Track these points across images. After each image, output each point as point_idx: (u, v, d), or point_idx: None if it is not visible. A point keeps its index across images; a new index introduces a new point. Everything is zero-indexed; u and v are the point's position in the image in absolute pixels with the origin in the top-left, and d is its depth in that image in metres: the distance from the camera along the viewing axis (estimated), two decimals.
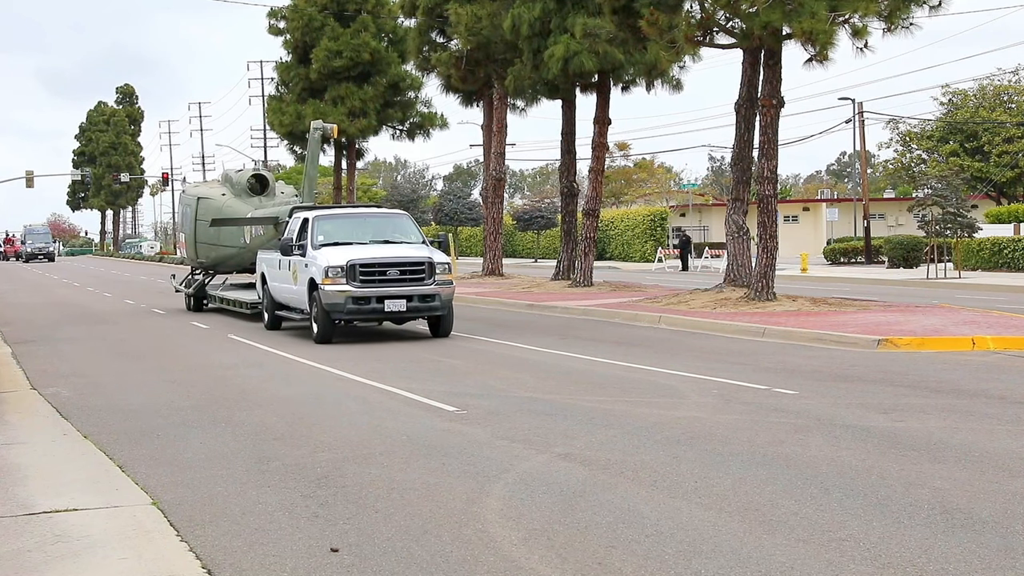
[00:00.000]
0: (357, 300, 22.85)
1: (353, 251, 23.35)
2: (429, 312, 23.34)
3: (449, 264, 23.45)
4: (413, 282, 23.09)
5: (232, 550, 8.06)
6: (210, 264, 35.30)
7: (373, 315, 23.24)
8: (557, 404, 14.35)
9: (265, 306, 27.47)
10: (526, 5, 38.34)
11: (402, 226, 25.33)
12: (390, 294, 22.93)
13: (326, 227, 24.70)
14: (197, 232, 34.99)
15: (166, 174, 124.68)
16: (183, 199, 37.56)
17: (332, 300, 22.86)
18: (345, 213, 26.01)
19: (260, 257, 28.40)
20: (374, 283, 22.94)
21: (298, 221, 25.52)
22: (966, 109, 79.41)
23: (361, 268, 22.91)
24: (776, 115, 28.95)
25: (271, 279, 26.79)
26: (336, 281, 22.82)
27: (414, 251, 23.72)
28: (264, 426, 13.25)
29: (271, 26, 64.88)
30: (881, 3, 27.38)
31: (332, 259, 23.05)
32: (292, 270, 24.79)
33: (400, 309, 23.00)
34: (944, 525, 8.13)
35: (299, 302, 24.63)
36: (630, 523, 8.42)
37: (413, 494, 9.55)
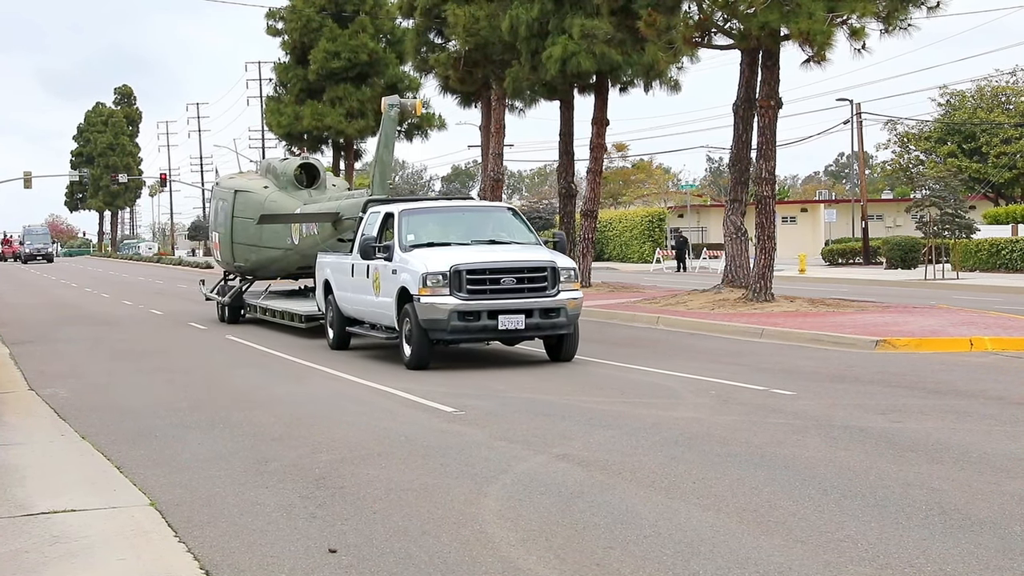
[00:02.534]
0: (464, 316, 17.88)
1: (455, 253, 18.45)
2: (552, 330, 18.51)
3: (576, 270, 18.88)
4: (533, 292, 18.18)
5: (230, 551, 8.06)
6: (249, 268, 30.20)
7: (483, 335, 18.28)
8: (555, 405, 14.35)
9: (330, 321, 22.68)
10: (524, 6, 38.33)
11: (508, 222, 20.55)
12: (505, 307, 18.02)
13: (417, 224, 19.85)
14: (234, 231, 29.93)
15: (164, 175, 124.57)
16: (217, 192, 31.91)
17: (431, 315, 17.93)
18: (439, 207, 21.29)
19: (322, 261, 23.46)
20: (485, 294, 17.99)
21: (377, 217, 20.79)
22: (964, 110, 79.44)
23: (469, 275, 17.95)
24: (774, 116, 28.95)
25: (339, 288, 22.03)
26: (436, 291, 17.90)
27: (531, 253, 18.80)
28: (262, 427, 13.25)
29: (269, 27, 64.94)
30: (879, 4, 27.39)
31: (430, 264, 18.10)
32: (373, 278, 20.00)
33: (517, 327, 18.07)
34: (942, 526, 8.14)
35: (382, 317, 19.89)
36: (628, 524, 8.42)
37: (411, 495, 9.55)
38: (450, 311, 17.85)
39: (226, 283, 32.04)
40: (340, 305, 22.03)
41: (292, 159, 30.31)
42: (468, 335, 18.21)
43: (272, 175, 29.98)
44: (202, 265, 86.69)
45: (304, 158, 29.51)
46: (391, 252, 19.31)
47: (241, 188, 30.05)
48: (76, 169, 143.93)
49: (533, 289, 18.22)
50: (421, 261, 18.34)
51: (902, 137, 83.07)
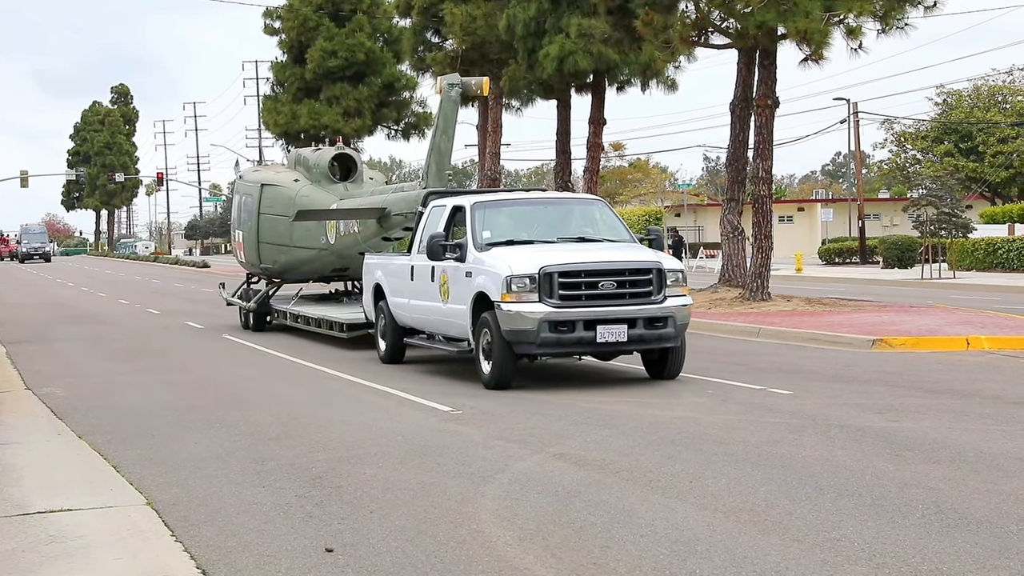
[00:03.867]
0: (556, 326, 15.29)
1: (542, 253, 15.92)
2: (658, 343, 15.81)
3: (684, 272, 16.30)
4: (636, 299, 15.59)
5: (227, 550, 8.05)
6: (278, 270, 27.13)
7: (578, 348, 15.64)
8: (552, 404, 14.35)
9: (381, 331, 19.77)
10: (521, 5, 38.34)
11: (597, 217, 17.72)
12: (605, 316, 15.36)
13: (493, 219, 17.16)
14: (261, 229, 26.94)
15: (161, 174, 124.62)
16: (240, 187, 28.94)
17: (517, 326, 15.30)
18: (518, 199, 18.51)
19: (371, 263, 20.56)
20: (580, 300, 15.42)
21: (442, 212, 17.97)
22: (960, 109, 79.47)
23: (562, 278, 15.37)
24: (771, 115, 28.97)
25: (395, 293, 19.16)
26: (522, 297, 15.32)
27: (632, 253, 16.26)
28: (259, 426, 13.24)
29: (266, 26, 64.97)
30: (876, 3, 27.43)
31: (515, 265, 15.50)
32: (440, 281, 17.20)
33: (618, 339, 15.40)
34: (939, 525, 8.14)
35: (451, 327, 17.20)
36: (625, 523, 8.42)
37: (408, 494, 9.55)
38: (540, 321, 15.21)
39: (249, 286, 28.84)
40: (395, 313, 19.18)
41: (326, 149, 27.33)
42: (560, 349, 15.59)
43: (303, 167, 26.98)
44: (199, 264, 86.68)
45: (339, 148, 26.76)
46: (463, 252, 16.54)
47: (268, 182, 27.18)
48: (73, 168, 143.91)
49: (636, 295, 15.59)
50: (503, 262, 15.68)
51: (899, 136, 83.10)
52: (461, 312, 16.50)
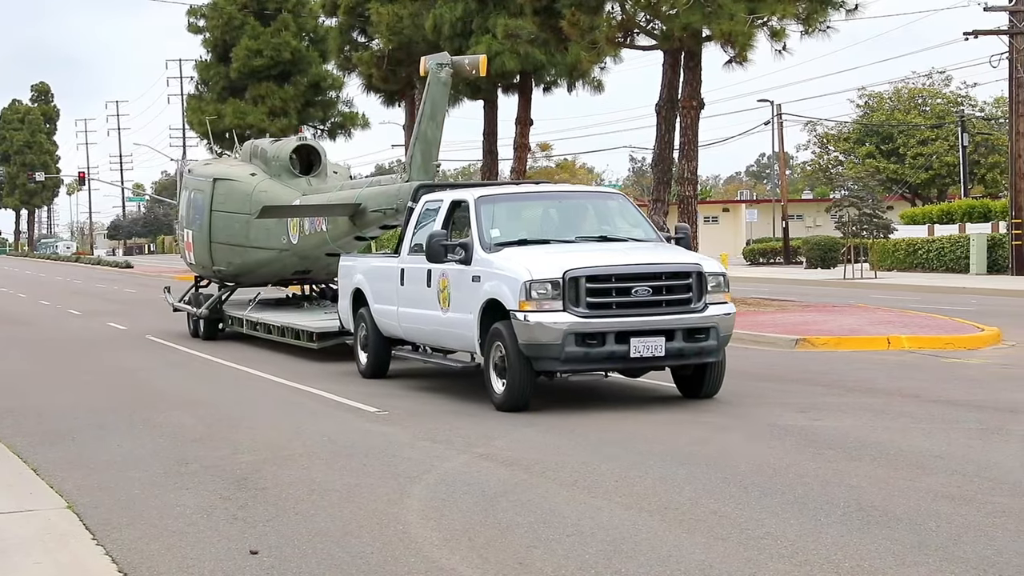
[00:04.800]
0: (584, 339, 13.18)
1: (564, 254, 13.89)
2: (699, 357, 13.77)
3: (725, 275, 14.19)
4: (674, 306, 13.52)
5: (149, 553, 7.97)
6: (232, 273, 24.72)
7: (608, 364, 13.62)
8: (478, 404, 14.34)
9: (361, 341, 17.53)
10: (448, 5, 38.31)
11: (617, 213, 15.69)
12: (639, 327, 13.31)
13: (503, 215, 15.16)
14: (213, 227, 24.46)
15: (82, 173, 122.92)
16: (189, 182, 26.22)
17: (538, 338, 13.18)
18: (527, 192, 16.53)
19: (349, 265, 18.31)
20: (611, 309, 13.36)
21: (439, 207, 15.80)
22: (882, 112, 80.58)
23: (590, 283, 13.28)
24: (696, 116, 29.19)
25: (379, 300, 16.88)
26: (544, 305, 13.19)
27: (667, 254, 14.31)
28: (183, 428, 13.11)
29: (190, 24, 64.46)
30: (799, 6, 27.74)
31: (535, 268, 13.41)
32: (439, 287, 15.01)
33: (655, 353, 13.35)
34: (860, 522, 8.24)
35: (452, 339, 15.14)
36: (550, 523, 8.44)
37: (334, 495, 9.51)
38: (565, 333, 13.07)
39: (198, 290, 26.43)
40: (379, 321, 16.88)
41: (286, 140, 25.02)
42: (588, 365, 13.57)
43: (260, 160, 24.49)
44: (122, 265, 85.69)
45: (301, 139, 24.63)
46: (469, 253, 14.36)
47: (222, 176, 24.68)
48: None
49: (674, 302, 13.52)
50: (519, 264, 13.57)
51: (822, 138, 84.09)
52: (466, 322, 14.30)
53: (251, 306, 23.99)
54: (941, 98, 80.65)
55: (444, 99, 19.39)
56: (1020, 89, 40.96)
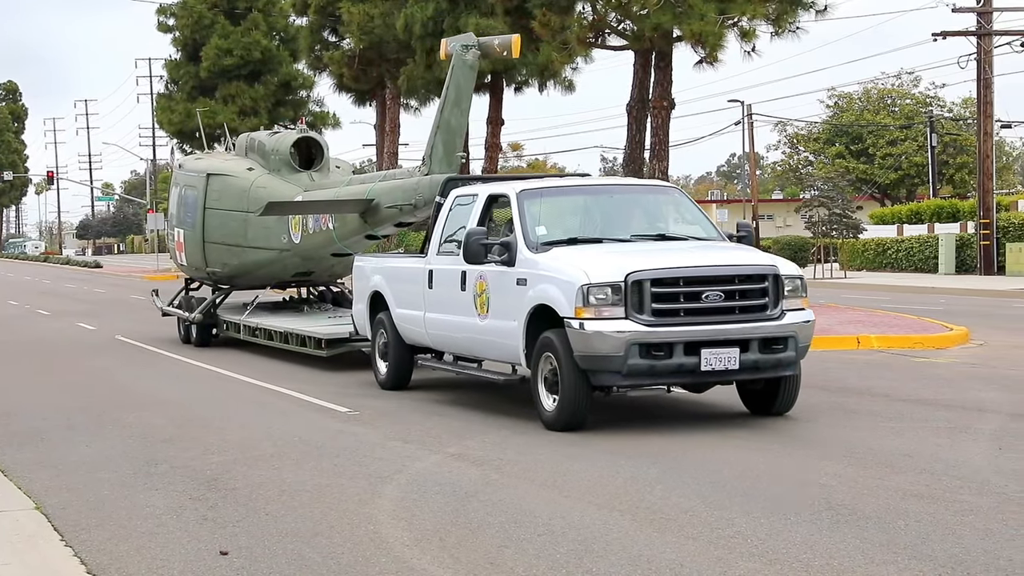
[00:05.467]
0: (650, 349, 11.77)
1: (624, 255, 12.43)
2: (775, 370, 12.32)
3: (803, 279, 12.73)
4: (748, 313, 12.12)
5: (118, 554, 7.93)
6: (228, 275, 23.03)
7: (676, 378, 12.21)
8: (449, 404, 14.34)
9: (380, 349, 16.08)
10: (419, 5, 38.30)
11: (673, 210, 14.26)
12: (712, 336, 11.90)
13: (549, 212, 13.61)
14: (207, 226, 22.83)
15: (51, 172, 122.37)
16: (180, 178, 24.50)
17: (598, 349, 11.74)
18: (574, 186, 14.82)
19: (366, 266, 16.71)
20: (678, 316, 11.91)
21: (472, 203, 14.33)
22: (851, 112, 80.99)
23: (655, 287, 11.83)
24: (667, 116, 29.26)
25: (403, 304, 15.40)
26: (603, 312, 11.76)
27: (739, 254, 12.82)
28: (153, 428, 13.06)
29: (160, 23, 64.25)
30: (769, 6, 27.86)
31: (592, 270, 11.93)
32: (475, 290, 13.56)
33: (728, 366, 11.93)
34: (829, 521, 8.28)
35: (491, 348, 13.65)
36: (522, 523, 8.44)
37: (304, 496, 9.48)
38: (628, 343, 11.65)
39: (188, 293, 24.51)
40: (402, 328, 15.39)
41: (286, 133, 23.21)
42: (652, 379, 12.08)
43: (257, 154, 22.84)
44: (91, 265, 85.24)
45: (302, 131, 22.82)
46: (511, 253, 12.91)
47: (216, 171, 23.01)
48: None
49: (748, 309, 12.12)
50: (574, 266, 12.12)
51: (792, 138, 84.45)
52: (509, 330, 12.89)
53: (249, 310, 22.46)
54: (910, 99, 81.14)
55: (470, 84, 17.93)
56: (988, 90, 41.23)
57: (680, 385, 12.91)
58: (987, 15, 40.89)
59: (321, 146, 22.52)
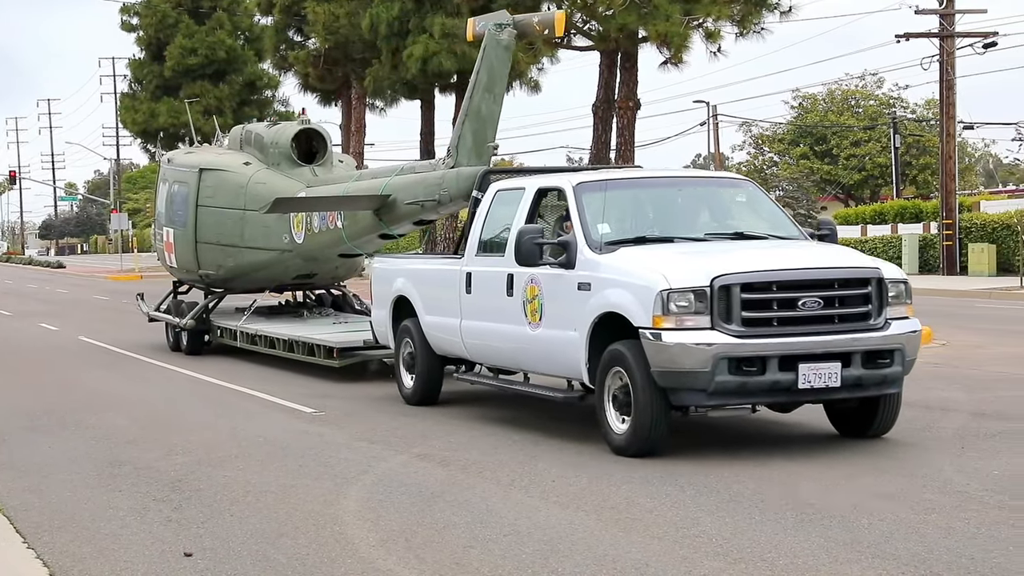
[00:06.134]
0: (740, 365, 10.32)
1: (704, 255, 11.04)
2: (879, 388, 10.89)
3: (908, 283, 11.40)
4: (849, 322, 10.69)
5: (81, 556, 7.88)
6: (222, 277, 21.32)
7: (770, 396, 10.72)
8: (415, 404, 14.30)
9: (406, 360, 14.57)
10: (384, 5, 38.23)
11: (747, 205, 12.82)
12: (810, 349, 10.47)
13: (612, 207, 12.07)
14: (200, 225, 21.25)
15: (13, 172, 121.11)
16: (169, 173, 22.83)
17: (680, 364, 10.30)
18: (636, 179, 13.25)
19: (388, 268, 15.32)
20: (771, 325, 10.48)
21: (521, 197, 12.75)
22: (816, 113, 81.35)
23: (746, 292, 10.41)
24: (633, 117, 29.36)
25: (432, 310, 13.95)
26: (686, 321, 10.37)
27: (836, 255, 11.48)
28: (116, 429, 12.98)
29: (124, 22, 63.97)
30: (733, 8, 28.02)
31: (672, 273, 10.49)
32: (526, 296, 12.05)
33: (829, 383, 10.48)
34: (794, 520, 8.31)
35: (546, 362, 12.12)
36: (488, 523, 8.44)
37: (269, 497, 9.45)
38: (715, 357, 10.20)
39: (176, 297, 22.84)
40: (433, 337, 13.94)
41: (286, 124, 21.60)
42: (742, 398, 10.54)
43: (254, 148, 21.20)
44: (54, 265, 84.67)
45: (304, 122, 21.11)
46: (571, 254, 11.45)
47: (210, 166, 21.43)
48: None
49: (849, 317, 10.69)
50: (651, 269, 10.67)
51: (756, 139, 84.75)
52: (567, 341, 11.40)
53: (246, 315, 20.82)
54: (874, 100, 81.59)
55: (505, 67, 16.28)
56: (951, 91, 41.53)
57: (771, 405, 11.45)
58: (949, 17, 41.18)
59: (324, 139, 20.81)
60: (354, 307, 21.06)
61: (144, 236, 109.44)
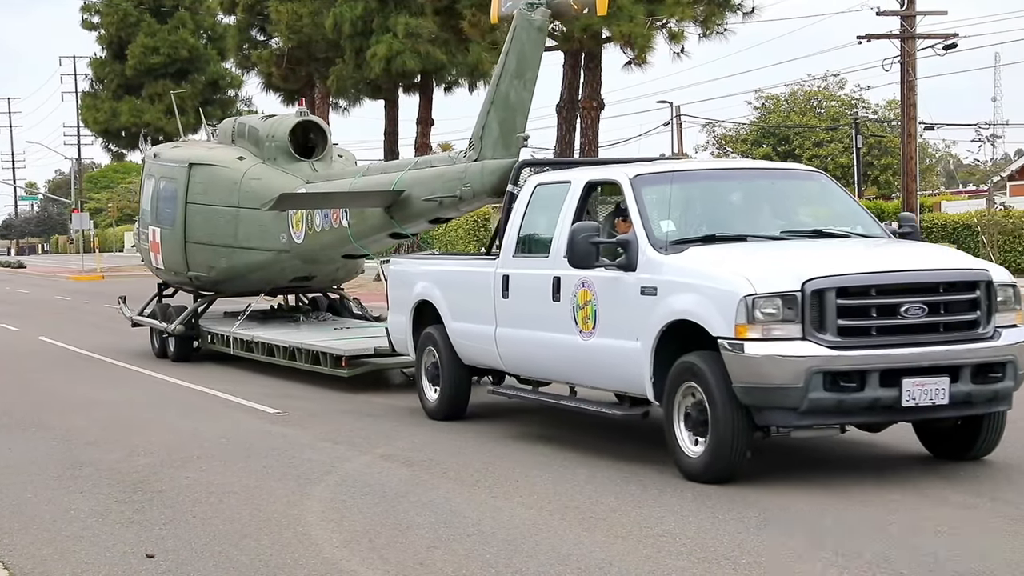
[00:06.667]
0: (837, 380, 9.17)
1: (791, 256, 9.90)
2: (988, 405, 9.72)
3: (1016, 287, 10.06)
4: (955, 331, 9.56)
5: (42, 559, 7.82)
6: (213, 280, 20.04)
7: (870, 415, 9.50)
8: (380, 404, 14.30)
9: (429, 371, 13.32)
10: (348, 4, 38.11)
11: (821, 199, 11.67)
12: (915, 362, 9.33)
13: (676, 202, 10.78)
14: (189, 224, 19.98)
15: None
16: (154, 169, 21.45)
17: (769, 378, 9.18)
18: (700, 170, 12.23)
19: (408, 270, 14.04)
20: (870, 335, 9.32)
21: (567, 191, 11.50)
22: (778, 114, 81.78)
23: (842, 298, 9.26)
24: (597, 117, 29.41)
25: (460, 316, 12.76)
26: (774, 330, 9.23)
27: (931, 254, 10.43)
28: (77, 431, 12.89)
29: (85, 20, 63.62)
30: (697, 8, 28.10)
31: (756, 275, 9.37)
32: (577, 301, 10.85)
33: (936, 400, 9.33)
34: (757, 519, 8.34)
35: (601, 374, 10.86)
36: (451, 523, 8.43)
37: (232, 498, 9.41)
38: (809, 371, 9.07)
39: (162, 301, 21.55)
40: (460, 345, 12.77)
41: (283, 116, 20.47)
42: (839, 417, 9.37)
43: (249, 141, 19.96)
44: (14, 265, 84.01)
45: (302, 114, 19.86)
46: (632, 254, 10.29)
47: (200, 160, 20.15)
48: None
49: (954, 325, 9.54)
50: (731, 271, 9.52)
51: (720, 139, 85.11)
52: (628, 352, 10.23)
53: (241, 320, 19.54)
54: (836, 101, 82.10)
55: (538, 50, 14.75)
56: (912, 92, 41.79)
57: (869, 424, 10.10)
58: (910, 19, 41.44)
59: (324, 131, 19.62)
60: (352, 311, 20.14)
61: (106, 236, 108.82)
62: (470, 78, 40.15)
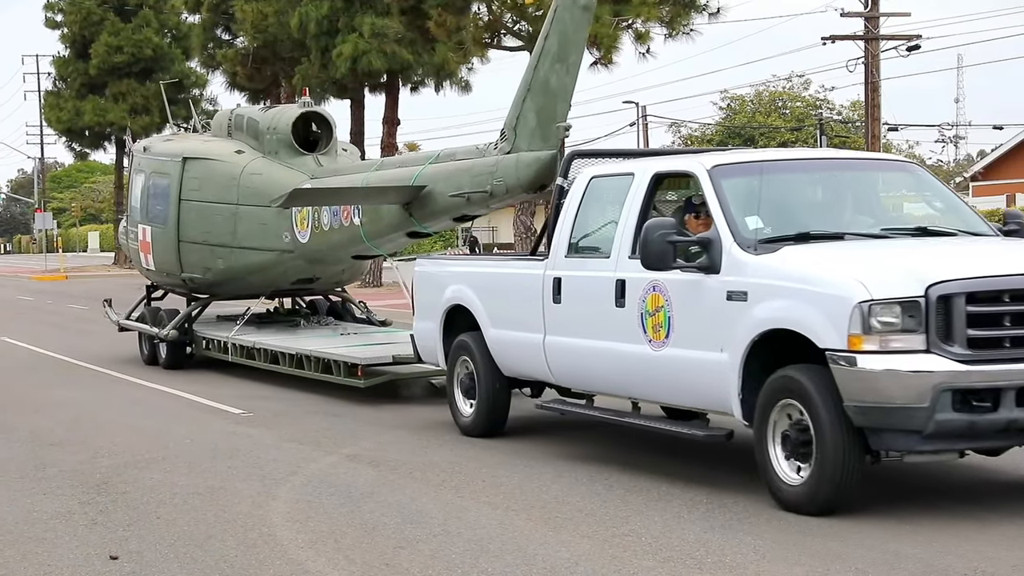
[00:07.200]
0: (967, 399, 8.00)
1: (906, 256, 8.77)
2: None
3: None
4: None
5: (4, 560, 7.77)
6: (210, 281, 18.83)
7: (1003, 440, 8.35)
8: (345, 405, 14.27)
9: (463, 383, 12.16)
10: (314, 3, 38.02)
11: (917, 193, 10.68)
12: None
13: (764, 196, 9.57)
14: (183, 222, 18.67)
15: None
16: (144, 163, 20.10)
17: (890, 397, 7.96)
18: (781, 161, 10.55)
19: (438, 271, 12.90)
20: (1003, 347, 8.13)
21: (630, 184, 10.31)
22: (744, 114, 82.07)
23: (972, 303, 8.11)
24: None
25: (502, 323, 11.57)
26: (892, 341, 8.05)
27: None
28: (40, 431, 12.81)
29: (47, 19, 63.24)
30: (663, 9, 28.19)
31: (870, 279, 8.16)
32: (646, 306, 9.66)
33: None
34: (722, 519, 8.37)
35: (677, 389, 9.70)
36: (418, 523, 8.43)
37: (197, 499, 9.37)
38: (937, 388, 7.94)
39: (151, 304, 20.29)
40: (501, 354, 11.63)
41: (285, 108, 19.52)
42: (968, 442, 8.27)
43: (248, 134, 18.54)
44: None
45: (306, 104, 18.59)
46: (714, 255, 9.14)
47: (195, 154, 18.83)
48: None
49: None
50: (841, 274, 8.37)
51: (686, 139, 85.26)
52: (711, 365, 9.09)
53: (239, 325, 18.12)
54: (801, 101, 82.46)
55: (583, 31, 13.35)
56: (876, 93, 42.03)
57: (996, 449, 8.86)
58: (874, 20, 41.69)
59: (329, 123, 18.27)
60: (355, 315, 19.02)
61: (69, 236, 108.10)
62: (436, 78, 40.08)
